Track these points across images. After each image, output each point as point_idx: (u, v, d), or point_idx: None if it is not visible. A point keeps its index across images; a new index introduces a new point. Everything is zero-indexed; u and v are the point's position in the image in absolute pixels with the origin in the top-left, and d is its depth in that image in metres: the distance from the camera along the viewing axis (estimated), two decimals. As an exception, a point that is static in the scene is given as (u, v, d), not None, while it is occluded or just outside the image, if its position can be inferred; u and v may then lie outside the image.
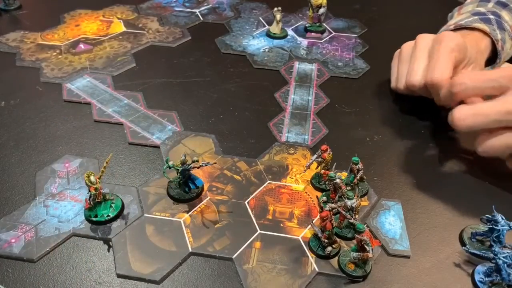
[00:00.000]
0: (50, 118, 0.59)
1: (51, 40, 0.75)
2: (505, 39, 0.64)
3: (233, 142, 0.56)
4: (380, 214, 0.47)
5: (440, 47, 0.55)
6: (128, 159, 0.53)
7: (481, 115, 0.47)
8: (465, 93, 0.50)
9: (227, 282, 0.40)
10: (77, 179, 0.50)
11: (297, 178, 0.51)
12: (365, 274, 0.41)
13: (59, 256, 0.42)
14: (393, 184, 0.51)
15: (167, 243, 0.43)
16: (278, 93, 0.64)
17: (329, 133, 0.57)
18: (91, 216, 0.45)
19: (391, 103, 0.63)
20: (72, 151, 0.54)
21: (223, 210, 0.47)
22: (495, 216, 0.42)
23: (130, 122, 0.58)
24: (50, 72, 0.67)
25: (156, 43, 0.76)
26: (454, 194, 0.50)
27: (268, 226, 0.45)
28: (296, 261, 0.42)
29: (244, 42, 0.77)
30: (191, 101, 0.63)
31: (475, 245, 0.43)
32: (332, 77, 0.68)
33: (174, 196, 0.47)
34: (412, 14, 0.89)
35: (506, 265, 0.38)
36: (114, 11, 0.85)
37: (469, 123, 0.48)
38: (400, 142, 0.57)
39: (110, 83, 0.65)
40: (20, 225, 0.44)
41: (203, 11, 0.86)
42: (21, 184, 0.49)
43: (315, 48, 0.76)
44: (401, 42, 0.66)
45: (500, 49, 0.63)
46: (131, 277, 0.40)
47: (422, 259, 0.43)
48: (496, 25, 0.64)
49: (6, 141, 0.55)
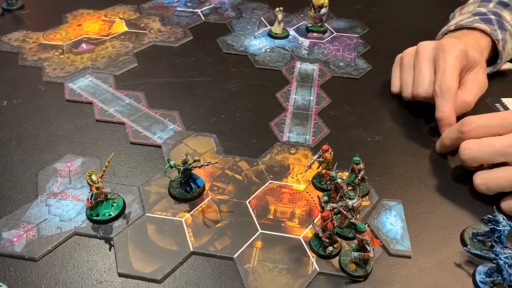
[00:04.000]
0: (52, 117, 0.59)
1: (53, 39, 0.75)
2: (506, 39, 0.64)
3: (235, 141, 0.56)
4: (381, 214, 0.47)
5: (445, 56, 0.55)
6: (130, 158, 0.53)
7: (486, 145, 0.47)
8: (475, 131, 0.49)
9: (228, 282, 0.40)
10: (79, 178, 0.50)
11: (298, 178, 0.51)
12: (366, 274, 0.40)
13: (60, 255, 0.42)
14: (394, 184, 0.51)
15: (168, 242, 0.43)
16: (280, 93, 0.64)
17: (331, 133, 0.57)
18: (92, 215, 0.45)
19: (393, 103, 0.63)
20: (74, 150, 0.54)
21: (224, 209, 0.47)
22: (496, 217, 0.42)
23: (131, 122, 0.58)
24: (52, 72, 0.67)
25: (158, 43, 0.76)
26: (455, 194, 0.50)
27: (269, 226, 0.45)
28: (297, 260, 0.42)
29: (245, 42, 0.77)
30: (192, 101, 0.63)
31: (476, 245, 0.43)
32: (334, 77, 0.69)
33: (175, 196, 0.48)
34: (414, 14, 0.89)
35: (507, 265, 0.38)
36: (116, 11, 0.85)
37: (474, 153, 0.47)
38: (401, 142, 0.57)
39: (112, 83, 0.65)
40: (22, 224, 0.44)
41: (205, 11, 0.86)
42: (23, 183, 0.49)
43: (317, 48, 0.76)
44: (403, 42, 0.66)
45: (501, 49, 0.63)
46: (132, 276, 0.40)
47: (423, 259, 0.43)
48: (497, 25, 0.64)
49: (8, 140, 0.55)
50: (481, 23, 0.63)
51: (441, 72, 0.55)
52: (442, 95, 0.54)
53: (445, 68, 0.55)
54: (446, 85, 0.54)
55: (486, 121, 0.49)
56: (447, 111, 0.54)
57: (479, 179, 0.48)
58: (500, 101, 0.63)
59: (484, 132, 0.48)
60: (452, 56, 0.55)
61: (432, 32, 0.69)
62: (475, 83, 0.58)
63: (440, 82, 0.54)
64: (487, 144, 0.47)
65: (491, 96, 0.62)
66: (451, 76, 0.54)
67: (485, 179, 0.47)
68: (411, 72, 0.60)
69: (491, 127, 0.48)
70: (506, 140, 0.46)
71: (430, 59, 0.57)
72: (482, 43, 0.63)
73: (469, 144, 0.48)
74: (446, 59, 0.55)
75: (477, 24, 0.63)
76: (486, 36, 0.63)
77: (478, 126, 0.49)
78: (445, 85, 0.54)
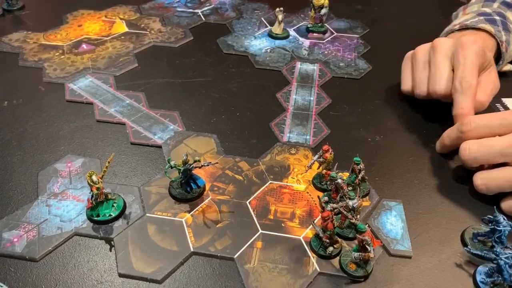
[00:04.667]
0: (53, 118, 0.59)
1: (54, 40, 0.75)
2: (509, 41, 0.64)
3: (235, 142, 0.56)
4: (381, 214, 0.47)
5: (465, 52, 0.54)
6: (130, 159, 0.53)
7: (486, 146, 0.47)
8: (475, 131, 0.49)
9: (229, 282, 0.40)
10: (79, 179, 0.50)
11: (299, 178, 0.51)
12: (366, 274, 0.40)
13: (61, 256, 0.42)
14: (395, 184, 0.51)
15: (169, 242, 0.43)
16: (280, 93, 0.64)
17: (331, 133, 0.57)
18: (93, 215, 0.45)
19: (393, 104, 0.63)
20: (74, 150, 0.54)
21: (225, 210, 0.47)
22: (496, 217, 0.42)
23: (132, 122, 0.58)
24: (53, 72, 0.67)
25: (158, 43, 0.76)
26: (455, 194, 0.50)
27: (270, 226, 0.45)
28: (298, 261, 0.42)
29: (246, 42, 0.77)
30: (193, 101, 0.63)
31: (476, 245, 0.43)
32: (334, 77, 0.69)
33: (175, 196, 0.48)
34: (414, 14, 0.88)
35: (508, 265, 0.38)
36: (116, 12, 0.85)
37: (474, 153, 0.47)
38: (402, 143, 0.57)
39: (112, 83, 0.65)
40: (23, 225, 0.44)
41: (205, 11, 0.86)
42: (24, 183, 0.49)
43: (317, 48, 0.76)
44: (403, 42, 0.66)
45: (504, 51, 0.63)
46: (132, 277, 0.40)
47: (424, 260, 0.43)
48: (501, 26, 0.64)
49: (9, 140, 0.55)
50: (486, 24, 0.63)
51: (462, 68, 0.54)
52: (462, 92, 0.53)
53: (465, 64, 0.54)
54: (467, 82, 0.53)
55: (486, 121, 0.49)
56: (466, 108, 0.53)
57: (479, 179, 0.47)
58: (501, 101, 0.63)
59: (484, 132, 0.48)
60: (472, 53, 0.54)
61: (432, 32, 0.69)
62: (489, 83, 0.57)
63: (460, 79, 0.53)
64: (487, 145, 0.47)
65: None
66: (471, 73, 0.53)
67: (485, 179, 0.47)
68: (426, 69, 0.58)
69: (491, 127, 0.48)
70: (506, 141, 0.46)
71: (448, 56, 0.56)
72: (490, 44, 0.63)
73: (469, 145, 0.48)
74: (466, 55, 0.54)
75: (482, 24, 0.63)
76: (492, 37, 0.63)
77: (478, 125, 0.49)
78: (466, 82, 0.53)
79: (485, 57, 0.56)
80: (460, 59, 0.54)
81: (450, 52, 0.56)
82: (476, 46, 0.55)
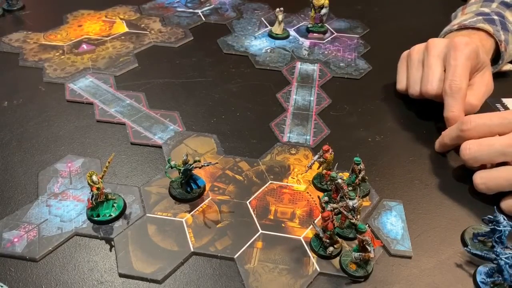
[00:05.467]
0: (53, 118, 0.59)
1: (54, 40, 0.75)
2: (508, 40, 0.64)
3: (235, 142, 0.56)
4: (381, 215, 0.47)
5: (456, 54, 0.54)
6: (130, 159, 0.53)
7: (486, 145, 0.47)
8: (475, 130, 0.49)
9: (229, 282, 0.40)
10: (80, 179, 0.50)
11: (299, 178, 0.51)
12: (366, 274, 0.40)
13: (61, 256, 0.42)
14: (395, 184, 0.51)
15: (169, 242, 0.43)
16: (280, 93, 0.64)
17: (331, 133, 0.57)
18: (93, 215, 0.45)
19: (393, 104, 0.63)
20: (75, 151, 0.54)
21: (225, 210, 0.47)
22: (497, 217, 0.42)
23: (132, 122, 0.58)
24: (53, 72, 0.67)
25: (158, 43, 0.76)
26: (456, 194, 0.50)
27: (270, 226, 0.45)
28: (298, 261, 0.42)
29: (246, 42, 0.77)
30: (193, 101, 0.63)
31: (477, 245, 0.43)
32: (334, 77, 0.69)
33: (176, 196, 0.48)
34: (414, 14, 0.88)
35: (508, 265, 0.38)
36: (116, 12, 0.85)
37: (474, 153, 0.47)
38: (402, 143, 0.57)
39: (112, 83, 0.65)
40: (23, 225, 0.44)
41: (205, 11, 0.86)
42: (24, 183, 0.49)
43: (317, 48, 0.76)
44: (403, 42, 0.66)
45: (503, 50, 0.63)
46: (133, 277, 0.40)
47: (424, 260, 0.43)
48: (500, 25, 0.64)
49: (9, 141, 0.55)
50: (484, 23, 0.63)
51: (452, 70, 0.54)
52: (452, 95, 0.53)
53: (456, 67, 0.54)
54: (456, 85, 0.53)
55: (486, 120, 0.49)
56: (456, 111, 0.53)
57: (479, 179, 0.48)
58: (501, 101, 0.63)
59: (484, 131, 0.48)
60: (463, 55, 0.54)
61: (432, 32, 0.69)
62: (482, 85, 0.57)
63: (450, 82, 0.54)
64: (487, 144, 0.47)
65: (491, 96, 0.62)
66: (461, 76, 0.53)
67: (484, 179, 0.47)
68: (420, 68, 0.59)
69: (491, 126, 0.48)
70: (506, 140, 0.46)
71: (441, 57, 0.57)
72: (487, 44, 0.62)
73: (469, 145, 0.48)
74: (457, 57, 0.54)
75: (481, 24, 0.63)
76: (490, 37, 0.63)
77: (478, 125, 0.49)
78: (455, 85, 0.53)
79: (478, 59, 0.56)
80: (451, 61, 0.55)
81: (443, 52, 0.57)
82: (468, 48, 0.55)
